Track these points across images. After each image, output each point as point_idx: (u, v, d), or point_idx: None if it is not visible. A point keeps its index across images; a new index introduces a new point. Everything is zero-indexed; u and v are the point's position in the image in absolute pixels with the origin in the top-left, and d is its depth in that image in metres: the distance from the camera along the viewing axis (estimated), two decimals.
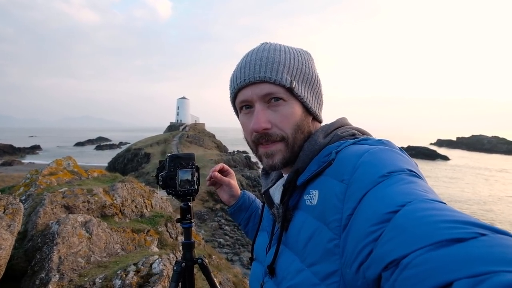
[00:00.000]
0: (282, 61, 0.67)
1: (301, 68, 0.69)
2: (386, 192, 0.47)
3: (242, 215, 1.07)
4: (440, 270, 0.33)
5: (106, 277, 2.02)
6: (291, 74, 0.66)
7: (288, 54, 0.68)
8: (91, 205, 2.97)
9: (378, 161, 0.53)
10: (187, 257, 1.19)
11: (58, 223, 2.35)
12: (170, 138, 46.28)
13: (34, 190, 3.18)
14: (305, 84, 0.69)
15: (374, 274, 0.42)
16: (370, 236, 0.44)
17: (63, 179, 3.59)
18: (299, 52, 0.72)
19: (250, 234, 1.07)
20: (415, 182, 0.49)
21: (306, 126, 0.70)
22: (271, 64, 0.66)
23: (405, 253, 0.37)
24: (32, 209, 2.77)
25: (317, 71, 0.74)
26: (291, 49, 0.71)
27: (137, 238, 2.94)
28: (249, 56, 0.70)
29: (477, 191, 34.07)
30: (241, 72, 0.68)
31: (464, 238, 0.35)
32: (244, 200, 1.06)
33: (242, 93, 0.69)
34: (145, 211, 3.54)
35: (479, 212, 25.01)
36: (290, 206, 0.66)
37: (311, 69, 0.71)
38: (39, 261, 2.13)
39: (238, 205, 1.06)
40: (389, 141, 0.63)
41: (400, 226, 0.41)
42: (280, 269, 0.64)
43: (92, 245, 2.38)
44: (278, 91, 0.66)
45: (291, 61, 0.67)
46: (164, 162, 1.19)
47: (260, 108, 0.67)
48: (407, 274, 0.36)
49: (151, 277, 2.05)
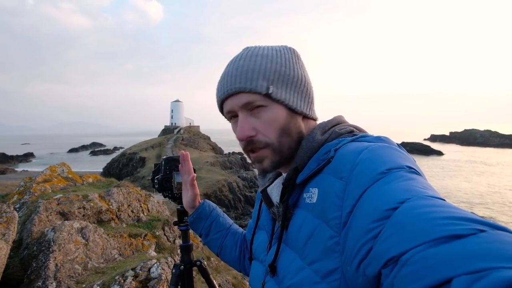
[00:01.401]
0: (257, 67, 0.66)
1: (279, 70, 0.67)
2: (385, 189, 0.47)
3: (202, 223, 1.01)
4: (439, 267, 0.33)
5: (104, 283, 2.00)
6: (267, 79, 0.66)
7: (264, 58, 0.67)
8: (87, 211, 2.94)
9: (377, 158, 0.53)
10: (186, 259, 1.18)
11: (53, 230, 2.32)
12: (165, 141, 46.09)
13: (28, 198, 3.13)
14: (285, 86, 0.68)
15: (374, 271, 0.42)
16: (370, 233, 0.44)
17: (58, 186, 3.55)
18: (279, 52, 0.70)
19: (212, 246, 1.04)
20: (414, 179, 0.49)
21: (294, 127, 0.69)
22: (245, 73, 0.66)
23: (404, 250, 0.37)
24: (27, 217, 2.73)
25: (302, 68, 0.72)
26: (270, 51, 0.69)
27: (134, 243, 2.92)
28: (228, 66, 0.70)
29: (475, 185, 34.41)
30: (221, 84, 0.69)
31: (463, 234, 0.35)
32: (204, 208, 1.02)
33: (226, 104, 0.70)
34: (141, 216, 3.52)
35: (478, 207, 25.25)
36: (289, 204, 0.66)
37: (291, 69, 0.69)
38: (35, 269, 2.10)
39: (197, 213, 1.01)
40: (388, 137, 0.63)
41: (400, 223, 0.41)
42: (281, 268, 0.64)
43: (89, 251, 2.35)
44: (255, 99, 0.66)
45: (267, 65, 0.66)
46: (160, 165, 1.19)
47: (242, 118, 0.67)
48: (407, 271, 0.36)
49: (150, 282, 2.04)
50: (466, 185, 34.24)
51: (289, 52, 0.71)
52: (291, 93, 0.68)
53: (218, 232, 1.01)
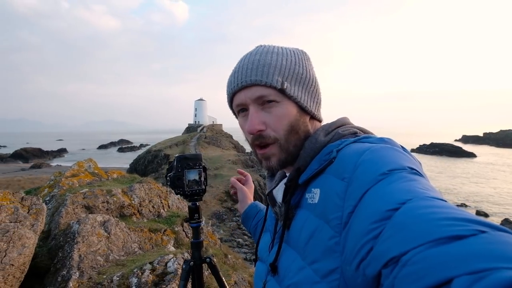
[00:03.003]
0: (273, 63, 0.67)
1: (293, 68, 0.69)
2: (387, 190, 0.47)
3: (249, 222, 1.10)
4: (440, 267, 0.33)
5: (123, 275, 2.08)
6: (283, 75, 0.67)
7: (280, 55, 0.69)
8: (110, 205, 3.07)
9: (379, 159, 0.53)
10: (196, 256, 1.21)
11: (78, 222, 2.44)
12: (188, 139, 47.06)
13: (57, 191, 3.32)
14: (298, 84, 0.69)
15: (374, 271, 0.42)
16: (371, 233, 0.44)
17: (84, 180, 3.73)
18: (293, 52, 0.72)
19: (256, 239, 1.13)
20: (415, 180, 0.48)
21: (302, 125, 0.70)
22: (262, 67, 0.67)
23: (405, 250, 0.38)
24: (55, 209, 2.90)
25: (313, 70, 0.74)
26: (284, 50, 0.71)
27: (154, 238, 3.01)
28: (242, 60, 0.71)
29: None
30: (235, 77, 0.70)
31: (463, 235, 0.35)
32: (251, 208, 1.10)
33: (237, 97, 0.71)
34: (162, 211, 3.62)
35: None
36: (292, 204, 0.67)
37: (304, 69, 0.71)
38: (61, 259, 2.23)
39: (245, 213, 1.10)
40: (391, 139, 0.62)
41: (400, 224, 0.41)
42: (282, 267, 0.65)
43: (111, 244, 2.45)
44: (269, 93, 0.67)
45: (283, 62, 0.68)
46: (172, 163, 1.22)
47: (254, 111, 0.68)
48: (407, 271, 0.36)
49: (166, 276, 2.09)
50: (504, 190, 32.17)
51: (302, 53, 0.73)
52: (303, 91, 0.70)
53: None
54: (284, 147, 0.68)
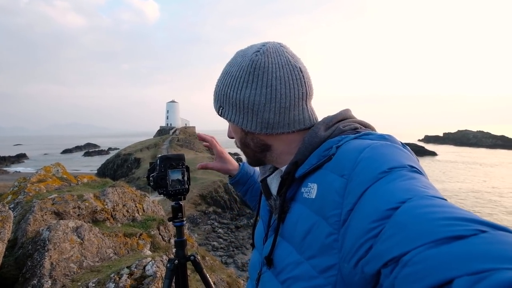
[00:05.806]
0: (216, 88, 0.75)
1: (226, 92, 0.70)
2: (387, 188, 0.47)
3: (240, 188, 1.14)
4: (441, 268, 0.33)
5: (100, 281, 2.03)
6: (219, 100, 0.74)
7: (224, 75, 0.72)
8: (82, 210, 2.95)
9: (379, 157, 0.53)
10: (180, 254, 1.22)
11: (49, 229, 2.33)
12: (160, 142, 45.89)
13: (23, 198, 3.14)
14: (230, 107, 0.71)
15: (373, 270, 0.43)
16: (370, 232, 0.44)
17: (52, 186, 3.55)
18: (238, 68, 0.68)
19: (249, 202, 1.16)
20: (416, 178, 0.49)
21: (251, 141, 0.74)
22: (213, 93, 0.76)
23: (405, 251, 0.38)
24: (22, 216, 2.74)
25: (258, 87, 0.66)
26: (233, 67, 0.69)
27: (129, 242, 2.94)
28: None
29: (476, 186, 34.48)
30: None
31: (464, 235, 0.35)
32: (243, 174, 1.12)
33: None
34: (136, 215, 3.53)
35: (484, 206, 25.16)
36: (287, 197, 0.66)
37: (237, 91, 0.68)
38: (31, 268, 2.12)
39: (236, 180, 1.12)
40: (391, 136, 0.62)
41: (401, 223, 0.41)
42: (278, 261, 0.65)
43: (84, 250, 2.37)
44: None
45: (220, 86, 0.72)
46: (155, 163, 1.22)
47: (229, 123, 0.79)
48: (407, 272, 0.36)
49: (145, 279, 2.06)
50: (467, 186, 34.24)
51: (248, 66, 0.67)
52: (236, 113, 0.70)
53: (254, 196, 1.12)
54: (245, 154, 0.79)
